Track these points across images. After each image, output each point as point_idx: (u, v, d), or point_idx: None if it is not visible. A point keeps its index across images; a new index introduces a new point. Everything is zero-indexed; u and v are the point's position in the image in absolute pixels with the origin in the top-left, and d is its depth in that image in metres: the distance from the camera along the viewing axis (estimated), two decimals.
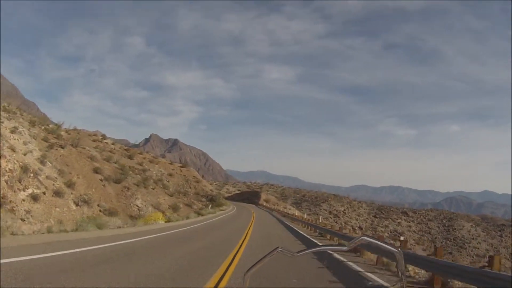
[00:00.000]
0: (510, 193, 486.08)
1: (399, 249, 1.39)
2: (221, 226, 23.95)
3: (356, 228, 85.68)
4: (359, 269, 11.11)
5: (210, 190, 52.32)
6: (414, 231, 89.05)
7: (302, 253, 1.43)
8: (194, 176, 51.63)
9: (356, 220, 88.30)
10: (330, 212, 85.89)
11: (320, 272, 9.58)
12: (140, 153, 47.74)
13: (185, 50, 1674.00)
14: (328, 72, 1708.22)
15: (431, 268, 8.75)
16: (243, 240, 15.92)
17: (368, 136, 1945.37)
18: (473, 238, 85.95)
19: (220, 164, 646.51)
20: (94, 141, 42.14)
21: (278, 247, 1.43)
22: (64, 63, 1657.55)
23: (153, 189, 31.59)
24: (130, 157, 41.99)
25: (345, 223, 79.90)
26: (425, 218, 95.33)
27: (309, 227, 30.88)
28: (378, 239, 1.39)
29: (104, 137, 49.07)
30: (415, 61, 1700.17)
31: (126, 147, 46.91)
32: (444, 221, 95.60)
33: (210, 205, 40.08)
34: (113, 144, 45.45)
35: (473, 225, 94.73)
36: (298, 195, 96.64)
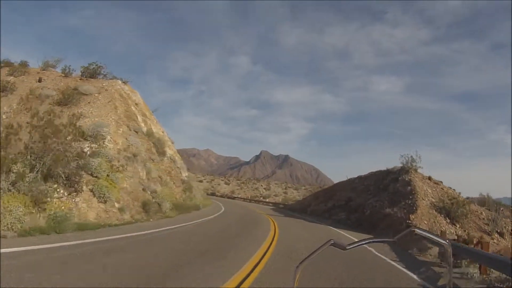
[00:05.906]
0: None
1: (448, 241, 1.46)
2: None
3: None
4: None
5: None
6: None
7: (352, 246, 1.43)
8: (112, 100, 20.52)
9: None
10: None
11: None
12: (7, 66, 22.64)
13: (291, 66, 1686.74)
14: (436, 80, 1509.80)
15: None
16: None
17: (479, 145, 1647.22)
18: None
19: (332, 179, 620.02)
20: None
21: (330, 239, 1.40)
22: (171, 85, 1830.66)
23: None
24: None
25: None
26: None
27: None
28: (427, 231, 1.44)
29: None
30: None
31: None
32: None
33: None
34: None
35: None
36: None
